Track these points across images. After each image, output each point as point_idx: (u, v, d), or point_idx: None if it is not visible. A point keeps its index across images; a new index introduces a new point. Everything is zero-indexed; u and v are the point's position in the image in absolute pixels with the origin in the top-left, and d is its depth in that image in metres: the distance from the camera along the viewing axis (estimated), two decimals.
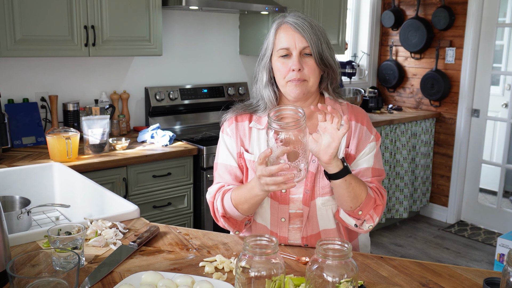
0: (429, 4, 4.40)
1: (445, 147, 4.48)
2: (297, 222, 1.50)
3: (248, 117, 1.54)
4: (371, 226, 1.44)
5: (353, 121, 1.49)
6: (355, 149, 1.48)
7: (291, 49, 1.41)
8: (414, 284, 1.24)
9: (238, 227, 1.49)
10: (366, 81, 4.84)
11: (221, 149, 1.56)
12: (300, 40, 1.40)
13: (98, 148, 2.61)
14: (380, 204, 1.42)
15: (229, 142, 1.54)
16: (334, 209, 1.49)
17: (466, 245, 4.05)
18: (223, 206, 1.45)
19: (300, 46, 1.40)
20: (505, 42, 5.01)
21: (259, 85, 1.53)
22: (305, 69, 1.41)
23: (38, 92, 2.90)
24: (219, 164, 1.55)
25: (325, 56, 1.42)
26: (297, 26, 1.40)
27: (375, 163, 1.48)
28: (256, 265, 0.98)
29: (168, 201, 2.82)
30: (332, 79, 1.49)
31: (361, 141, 1.48)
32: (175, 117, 3.41)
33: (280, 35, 1.44)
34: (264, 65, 1.50)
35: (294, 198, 1.48)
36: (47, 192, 2.06)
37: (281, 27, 1.44)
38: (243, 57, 3.83)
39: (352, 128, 1.48)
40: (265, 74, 1.50)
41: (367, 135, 1.49)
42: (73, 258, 1.09)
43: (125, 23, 2.80)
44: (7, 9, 2.40)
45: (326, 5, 3.83)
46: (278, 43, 1.44)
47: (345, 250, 0.99)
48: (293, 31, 1.41)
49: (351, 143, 1.48)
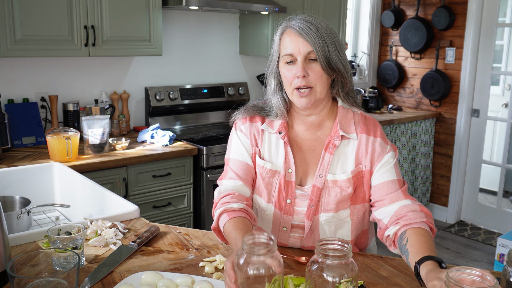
0: (429, 4, 4.40)
1: (445, 147, 4.48)
2: (298, 231, 1.46)
3: (260, 119, 1.48)
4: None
5: (364, 134, 1.41)
6: (369, 163, 1.40)
7: (295, 54, 1.34)
8: (414, 284, 1.24)
9: (226, 242, 1.40)
10: (366, 81, 4.84)
11: (234, 145, 1.49)
12: (304, 45, 1.33)
13: (98, 148, 2.61)
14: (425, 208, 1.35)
15: (244, 140, 1.48)
16: (337, 226, 1.44)
17: (466, 245, 4.05)
18: (218, 222, 1.37)
19: (304, 51, 1.33)
20: (505, 42, 5.01)
21: (268, 92, 1.47)
22: (311, 75, 1.34)
23: (38, 92, 2.90)
24: (231, 159, 1.48)
25: (333, 60, 1.34)
26: (301, 30, 1.34)
27: (398, 175, 1.40)
28: (255, 264, 0.98)
29: (168, 201, 2.82)
30: (343, 83, 1.42)
31: (376, 154, 1.40)
32: (175, 117, 3.41)
33: (284, 40, 1.38)
34: (272, 71, 1.44)
35: (298, 210, 1.44)
36: (47, 192, 2.06)
37: (286, 31, 1.39)
38: (243, 57, 3.83)
39: (363, 142, 1.41)
40: (273, 80, 1.44)
41: (383, 147, 1.41)
42: (73, 258, 1.09)
43: (125, 23, 2.80)
44: (7, 9, 2.40)
45: (326, 5, 3.83)
46: (283, 49, 1.38)
47: (345, 250, 0.99)
48: (296, 36, 1.34)
49: (364, 159, 1.40)
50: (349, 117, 1.44)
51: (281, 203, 1.44)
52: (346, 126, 1.42)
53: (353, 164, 1.41)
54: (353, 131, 1.41)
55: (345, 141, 1.41)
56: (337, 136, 1.40)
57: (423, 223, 1.28)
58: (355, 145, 1.41)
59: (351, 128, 1.42)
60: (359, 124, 1.43)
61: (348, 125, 1.42)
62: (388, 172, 1.39)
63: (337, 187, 1.40)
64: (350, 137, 1.41)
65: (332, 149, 1.40)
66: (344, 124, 1.42)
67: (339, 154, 1.41)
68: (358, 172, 1.41)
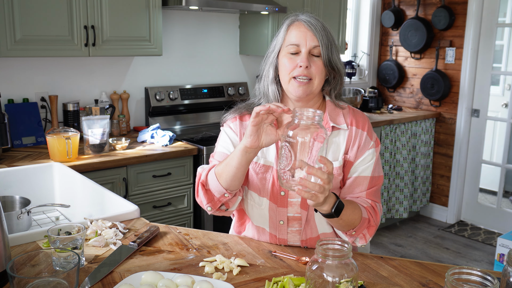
0: (429, 4, 4.40)
1: (445, 147, 4.48)
2: (295, 225, 1.49)
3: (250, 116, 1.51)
4: (363, 245, 1.43)
5: (353, 126, 1.46)
6: (354, 156, 1.45)
7: (301, 46, 1.39)
8: (414, 284, 1.24)
9: (212, 203, 1.41)
10: (366, 81, 4.84)
11: (221, 140, 1.52)
12: (311, 38, 1.38)
13: (98, 148, 2.61)
14: (374, 226, 1.41)
15: (232, 136, 1.50)
16: None
17: (466, 245, 4.05)
18: (207, 176, 1.40)
19: (311, 44, 1.38)
20: (505, 42, 5.01)
21: (264, 81, 1.49)
22: (313, 67, 1.39)
23: (38, 92, 2.90)
24: (217, 152, 1.50)
25: (333, 60, 1.40)
26: (311, 24, 1.39)
27: (374, 171, 1.46)
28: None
29: (168, 201, 2.82)
30: (337, 84, 1.47)
31: (360, 148, 1.45)
32: (175, 117, 3.41)
33: (292, 31, 1.41)
34: (272, 61, 1.47)
35: (292, 201, 1.46)
36: (47, 192, 2.06)
37: (294, 23, 1.42)
38: (243, 57, 3.83)
39: (353, 134, 1.46)
40: (272, 70, 1.47)
41: (367, 141, 1.46)
42: (73, 258, 1.09)
43: (125, 23, 2.80)
44: (7, 9, 2.40)
45: (326, 5, 3.83)
46: (288, 39, 1.41)
47: (345, 250, 0.99)
48: (305, 29, 1.39)
49: (350, 150, 1.46)
50: (337, 110, 1.49)
51: (275, 196, 1.47)
52: (335, 118, 1.47)
53: (341, 153, 1.46)
54: (343, 122, 1.47)
55: (335, 131, 1.46)
56: (327, 127, 1.45)
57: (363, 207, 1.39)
58: (346, 135, 1.46)
59: (340, 119, 1.47)
60: (348, 116, 1.49)
61: (337, 117, 1.47)
62: (365, 169, 1.45)
63: None
64: (341, 127, 1.46)
65: None
66: (334, 116, 1.47)
67: (330, 144, 1.46)
68: (345, 161, 1.46)
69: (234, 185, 1.36)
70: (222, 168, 1.35)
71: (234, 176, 1.33)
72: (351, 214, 1.34)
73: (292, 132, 1.15)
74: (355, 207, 1.37)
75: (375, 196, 1.46)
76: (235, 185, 1.36)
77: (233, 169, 1.32)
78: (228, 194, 1.37)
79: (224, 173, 1.34)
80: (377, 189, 1.48)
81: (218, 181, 1.36)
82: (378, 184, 1.47)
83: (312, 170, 1.14)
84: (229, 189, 1.36)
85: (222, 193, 1.37)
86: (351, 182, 1.46)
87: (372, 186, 1.46)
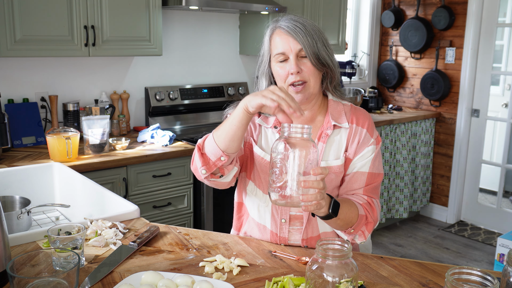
0: (429, 4, 4.40)
1: (445, 147, 4.48)
2: (297, 223, 1.50)
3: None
4: (363, 242, 1.44)
5: (354, 124, 1.48)
6: (353, 152, 1.47)
7: (287, 53, 1.40)
8: (414, 284, 1.24)
9: (207, 166, 1.39)
10: (366, 81, 4.84)
11: None
12: (294, 43, 1.39)
13: (98, 148, 2.61)
14: (371, 222, 1.42)
15: None
16: None
17: (466, 245, 4.05)
18: (204, 140, 1.41)
19: (295, 48, 1.39)
20: (505, 42, 5.01)
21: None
22: (304, 70, 1.40)
23: (38, 92, 2.90)
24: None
25: (321, 56, 1.41)
26: (289, 29, 1.40)
27: (372, 168, 1.47)
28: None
29: (168, 201, 2.82)
30: (331, 77, 1.49)
31: (360, 144, 1.47)
32: (175, 117, 3.41)
33: (274, 40, 1.44)
34: (263, 71, 1.50)
35: None
36: (47, 192, 2.06)
37: (275, 32, 1.45)
38: (243, 57, 3.83)
39: (353, 131, 1.47)
40: (265, 80, 1.50)
41: (366, 138, 1.48)
42: (73, 258, 1.09)
43: (125, 23, 2.80)
44: (7, 9, 2.40)
45: (326, 5, 3.83)
46: (274, 49, 1.44)
47: (345, 250, 0.99)
48: (286, 35, 1.40)
49: (350, 147, 1.47)
50: (339, 109, 1.50)
51: None
52: (337, 117, 1.48)
53: (342, 151, 1.47)
54: (345, 121, 1.48)
55: (337, 130, 1.48)
56: (329, 126, 1.47)
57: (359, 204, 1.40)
58: (347, 133, 1.48)
59: (342, 118, 1.48)
60: (349, 114, 1.50)
61: (339, 116, 1.49)
62: (363, 165, 1.47)
63: (332, 173, 1.46)
64: (342, 126, 1.47)
65: (324, 138, 1.47)
66: (336, 115, 1.49)
67: (331, 142, 1.47)
68: (346, 158, 1.48)
69: (232, 147, 1.34)
70: (221, 129, 1.35)
71: (233, 136, 1.32)
72: (348, 212, 1.35)
73: (283, 148, 1.17)
74: (351, 204, 1.38)
75: (372, 193, 1.47)
76: (233, 147, 1.35)
77: (233, 127, 1.31)
78: (225, 157, 1.35)
79: (224, 133, 1.34)
80: (376, 186, 1.48)
81: (216, 143, 1.36)
82: (377, 181, 1.48)
83: (308, 183, 1.16)
84: (226, 151, 1.35)
85: (218, 155, 1.36)
86: (349, 178, 1.47)
87: (370, 183, 1.46)
